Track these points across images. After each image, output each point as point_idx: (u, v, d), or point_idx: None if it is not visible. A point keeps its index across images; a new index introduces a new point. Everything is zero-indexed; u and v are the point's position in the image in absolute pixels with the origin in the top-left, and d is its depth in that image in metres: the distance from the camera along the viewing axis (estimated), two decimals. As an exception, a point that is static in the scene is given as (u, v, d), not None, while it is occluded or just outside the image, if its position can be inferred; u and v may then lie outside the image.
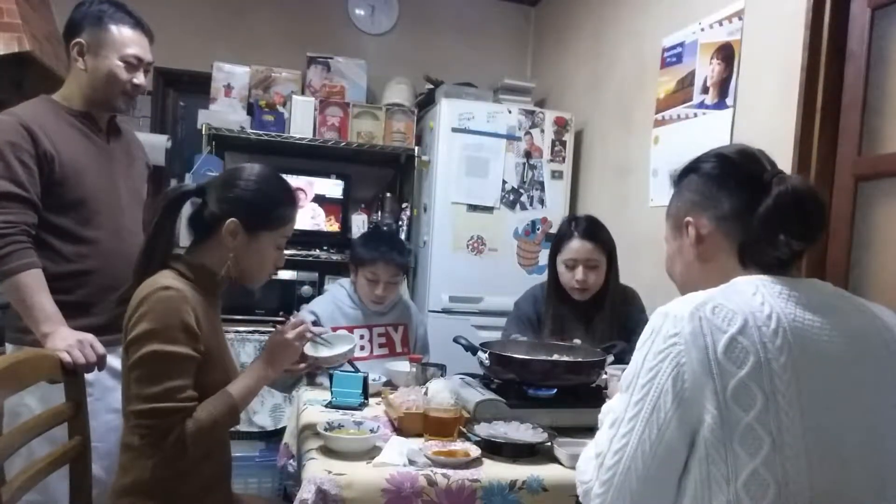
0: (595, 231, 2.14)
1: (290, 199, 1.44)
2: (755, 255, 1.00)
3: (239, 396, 1.33)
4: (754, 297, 0.93)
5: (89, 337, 1.51)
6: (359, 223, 3.39)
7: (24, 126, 1.54)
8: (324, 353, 1.66)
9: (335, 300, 2.20)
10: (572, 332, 2.15)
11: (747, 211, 0.99)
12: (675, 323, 0.91)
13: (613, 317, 2.14)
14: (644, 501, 0.93)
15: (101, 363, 1.51)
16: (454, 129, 3.04)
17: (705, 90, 2.30)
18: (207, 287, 1.37)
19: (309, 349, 1.56)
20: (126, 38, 1.67)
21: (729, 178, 1.03)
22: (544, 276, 3.06)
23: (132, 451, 1.30)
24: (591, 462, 1.01)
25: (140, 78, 1.71)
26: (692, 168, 1.12)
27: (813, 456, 0.86)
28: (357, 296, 2.20)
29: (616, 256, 2.18)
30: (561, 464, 1.38)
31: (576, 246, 2.10)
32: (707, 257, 1.06)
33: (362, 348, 2.16)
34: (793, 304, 0.92)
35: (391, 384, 1.94)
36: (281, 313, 1.57)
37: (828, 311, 0.94)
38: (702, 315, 0.90)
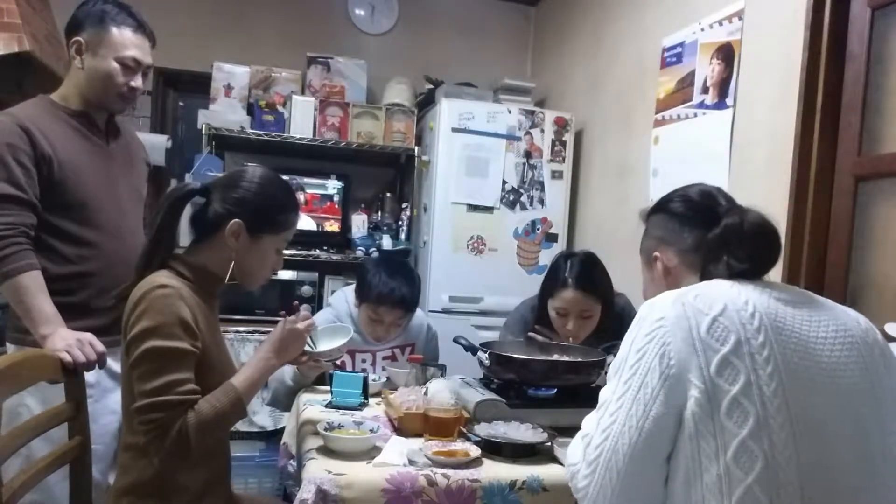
0: (590, 280, 1.97)
1: (293, 204, 1.45)
2: (709, 275, 1.08)
3: (243, 388, 1.31)
4: (731, 289, 1.00)
5: (88, 336, 1.51)
6: (359, 223, 3.40)
7: (21, 127, 1.54)
8: (321, 346, 1.65)
9: (337, 318, 2.08)
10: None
11: (705, 243, 1.10)
12: (660, 309, 0.98)
13: (600, 337, 2.06)
14: (631, 481, 0.96)
15: (101, 361, 1.51)
16: (454, 129, 3.04)
17: (705, 90, 2.30)
18: (206, 287, 1.37)
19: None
20: (126, 40, 1.66)
21: (690, 215, 1.15)
22: (543, 276, 3.07)
23: (132, 451, 1.30)
24: (578, 445, 1.04)
25: (137, 81, 1.69)
26: (659, 207, 1.23)
27: (797, 429, 0.91)
28: None
29: (610, 294, 2.05)
30: (561, 464, 1.37)
31: (568, 297, 1.95)
32: (675, 288, 1.12)
33: (363, 371, 2.11)
34: (766, 296, 1.00)
35: (391, 384, 1.94)
36: (295, 302, 1.56)
37: (799, 303, 1.01)
38: (685, 301, 0.98)
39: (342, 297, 2.19)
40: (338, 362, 1.94)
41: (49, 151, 1.57)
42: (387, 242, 3.33)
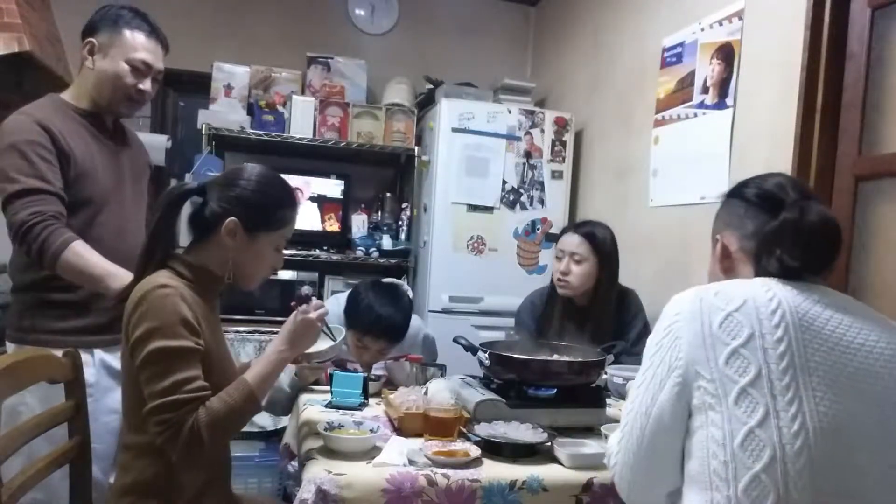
0: (591, 231, 2.18)
1: (290, 201, 1.43)
2: (761, 268, 1.08)
3: (255, 382, 1.29)
4: (762, 287, 1.01)
5: None
6: (359, 223, 3.40)
7: (40, 125, 1.55)
8: (313, 347, 1.59)
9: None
10: (566, 332, 2.15)
11: (761, 234, 1.09)
12: (679, 304, 1.03)
13: (605, 319, 2.13)
14: (646, 462, 1.04)
15: None
16: (454, 129, 3.04)
17: (705, 90, 2.30)
18: (206, 287, 1.36)
19: None
20: (137, 43, 1.67)
21: (757, 203, 1.13)
22: (544, 276, 3.09)
23: (133, 451, 1.30)
24: (617, 430, 1.13)
25: (146, 84, 1.71)
26: (733, 192, 1.21)
27: (812, 424, 0.92)
28: None
29: (611, 260, 2.19)
30: (561, 464, 1.37)
31: (566, 239, 2.20)
32: (731, 272, 1.16)
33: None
34: (802, 298, 1.00)
35: (391, 384, 1.94)
36: (307, 291, 1.51)
37: (844, 309, 1.01)
38: (703, 297, 1.01)
39: (335, 303, 2.16)
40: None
41: (67, 149, 1.58)
42: (387, 242, 3.33)
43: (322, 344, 1.63)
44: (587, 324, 2.16)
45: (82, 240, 1.54)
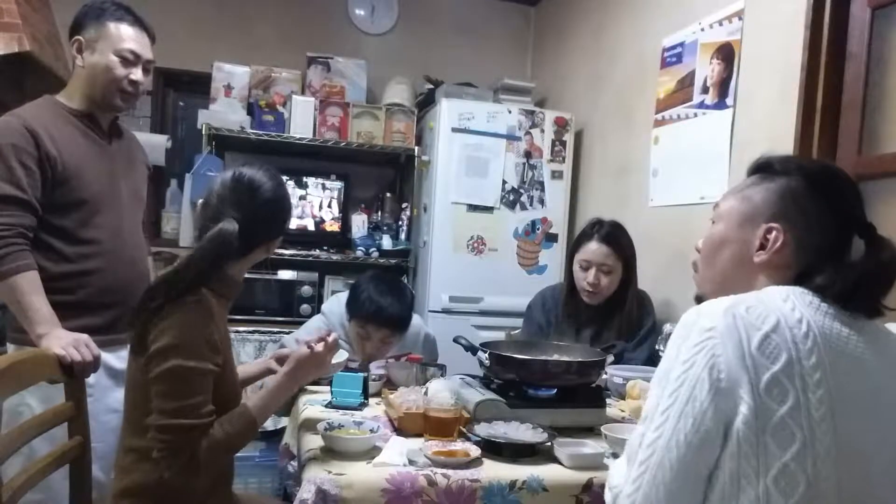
0: (614, 237, 2.17)
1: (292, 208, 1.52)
2: (806, 282, 0.99)
3: (258, 410, 1.33)
4: (785, 303, 0.94)
5: (84, 337, 1.51)
6: (359, 223, 3.40)
7: (27, 128, 1.55)
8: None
9: (329, 327, 2.01)
10: (584, 333, 2.16)
11: (830, 249, 1.00)
12: (710, 318, 0.92)
13: (625, 322, 2.14)
14: (677, 497, 0.92)
15: (95, 364, 1.52)
16: (454, 129, 3.04)
17: (705, 90, 2.30)
18: (228, 295, 1.39)
19: None
20: (123, 34, 1.67)
21: (837, 210, 1.01)
22: (544, 276, 3.09)
23: (136, 454, 1.30)
24: (621, 466, 1.00)
25: (137, 74, 1.70)
26: (794, 170, 1.06)
27: (840, 457, 0.87)
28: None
29: (634, 264, 2.20)
30: (561, 464, 1.37)
31: (592, 248, 2.15)
32: (767, 268, 1.04)
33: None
34: (822, 314, 0.94)
35: (391, 383, 1.94)
36: (332, 335, 1.49)
37: (858, 326, 0.95)
38: (735, 313, 0.91)
39: (336, 303, 2.17)
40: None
41: (54, 152, 1.58)
42: (387, 242, 3.33)
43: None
44: (606, 325, 2.16)
45: (37, 271, 1.53)
